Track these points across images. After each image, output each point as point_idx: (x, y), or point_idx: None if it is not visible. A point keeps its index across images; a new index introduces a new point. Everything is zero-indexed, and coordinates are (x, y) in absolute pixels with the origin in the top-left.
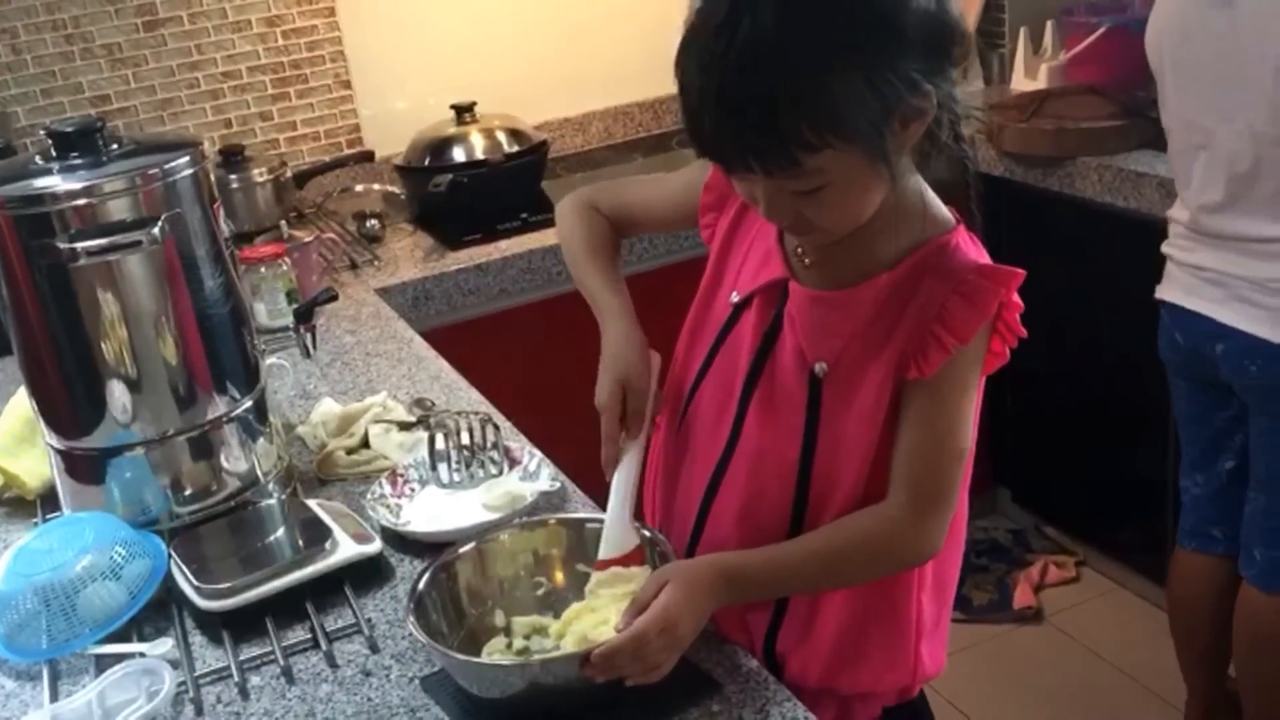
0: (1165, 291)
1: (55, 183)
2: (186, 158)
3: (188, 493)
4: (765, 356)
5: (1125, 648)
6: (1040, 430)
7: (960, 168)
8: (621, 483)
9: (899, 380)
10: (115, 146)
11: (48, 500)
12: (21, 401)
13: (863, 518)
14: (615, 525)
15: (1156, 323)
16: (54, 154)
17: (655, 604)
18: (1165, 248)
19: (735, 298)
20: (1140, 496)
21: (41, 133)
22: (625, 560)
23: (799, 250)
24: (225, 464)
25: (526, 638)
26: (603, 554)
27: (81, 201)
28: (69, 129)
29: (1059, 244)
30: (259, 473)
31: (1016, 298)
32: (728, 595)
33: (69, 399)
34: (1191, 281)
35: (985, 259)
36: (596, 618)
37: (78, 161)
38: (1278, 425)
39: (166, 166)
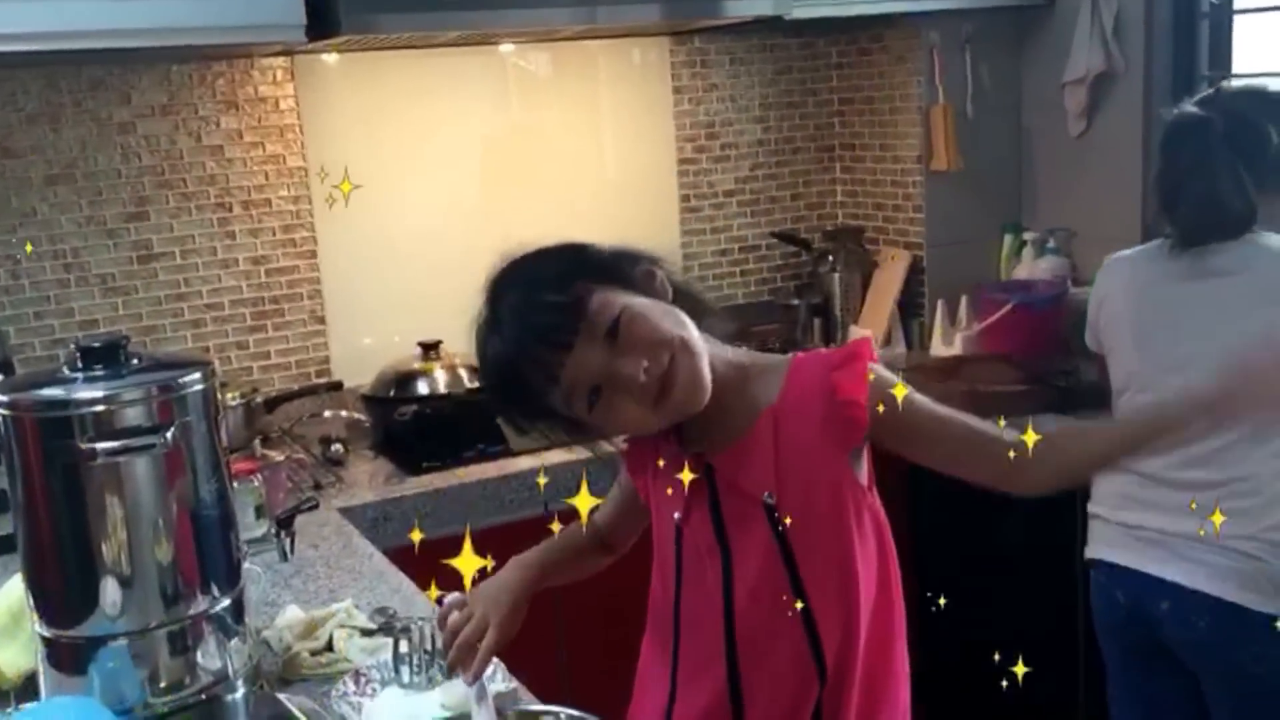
0: (1097, 550)
1: (80, 390)
2: (199, 374)
3: (163, 684)
4: (722, 525)
5: None
6: (954, 676)
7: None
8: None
9: (843, 462)
10: (135, 361)
11: (24, 692)
12: (7, 595)
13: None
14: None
15: (1065, 579)
16: (79, 365)
17: None
18: (1092, 506)
19: (677, 516)
20: None
21: (71, 346)
22: None
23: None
24: (201, 659)
25: None
26: None
27: (102, 408)
28: (96, 344)
29: (972, 494)
30: (231, 669)
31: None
32: None
33: (64, 590)
34: (1126, 539)
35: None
36: None
37: (100, 373)
38: (1234, 697)
39: (180, 380)
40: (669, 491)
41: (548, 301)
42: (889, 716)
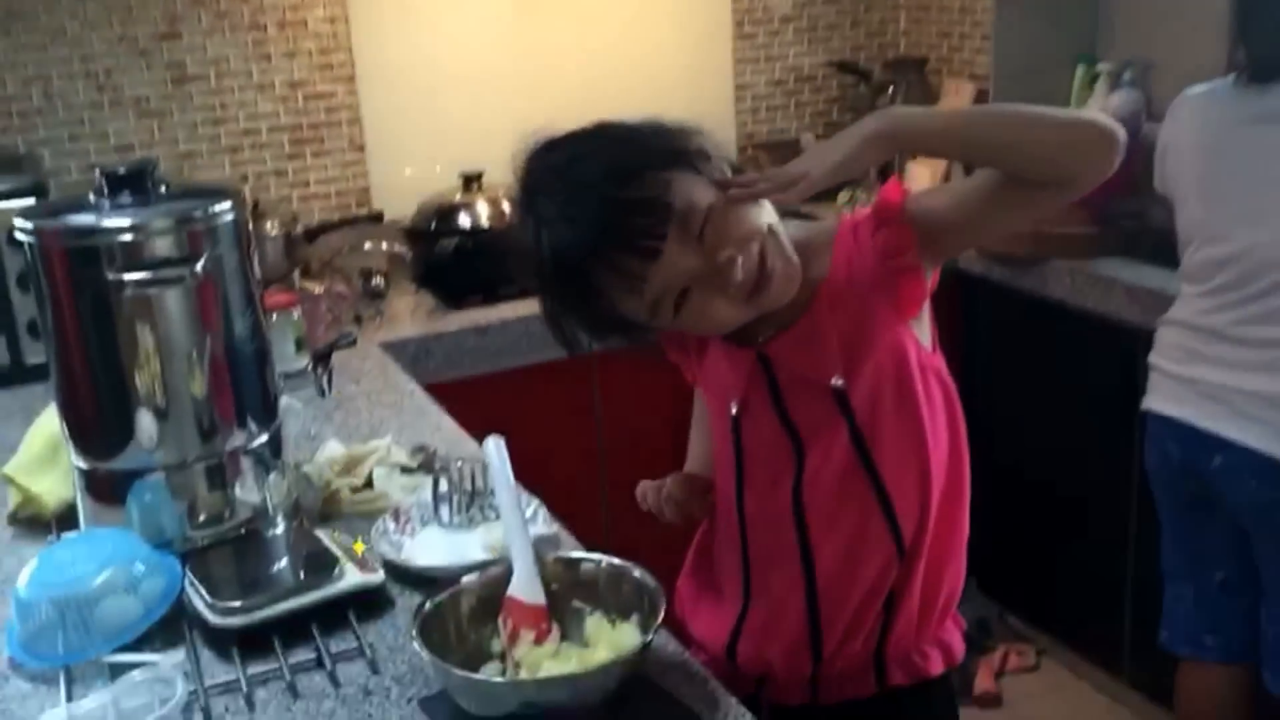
0: (1155, 402)
1: (107, 219)
2: (229, 203)
3: (202, 518)
4: (788, 418)
5: None
6: (1008, 522)
7: None
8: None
9: (914, 322)
10: (163, 190)
11: (63, 521)
12: (46, 425)
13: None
14: (533, 578)
15: (1122, 424)
16: (105, 192)
17: None
18: (1153, 358)
19: (734, 409)
20: (1099, 592)
21: (96, 172)
22: (525, 618)
23: (760, 340)
24: (239, 493)
25: (518, 665)
26: (518, 593)
27: (130, 237)
28: (121, 170)
29: (1030, 341)
30: (270, 504)
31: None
32: (891, 122)
33: (99, 422)
34: (1185, 394)
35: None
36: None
37: (128, 201)
38: None
39: (210, 210)
40: (722, 382)
41: (629, 200)
42: (952, 581)
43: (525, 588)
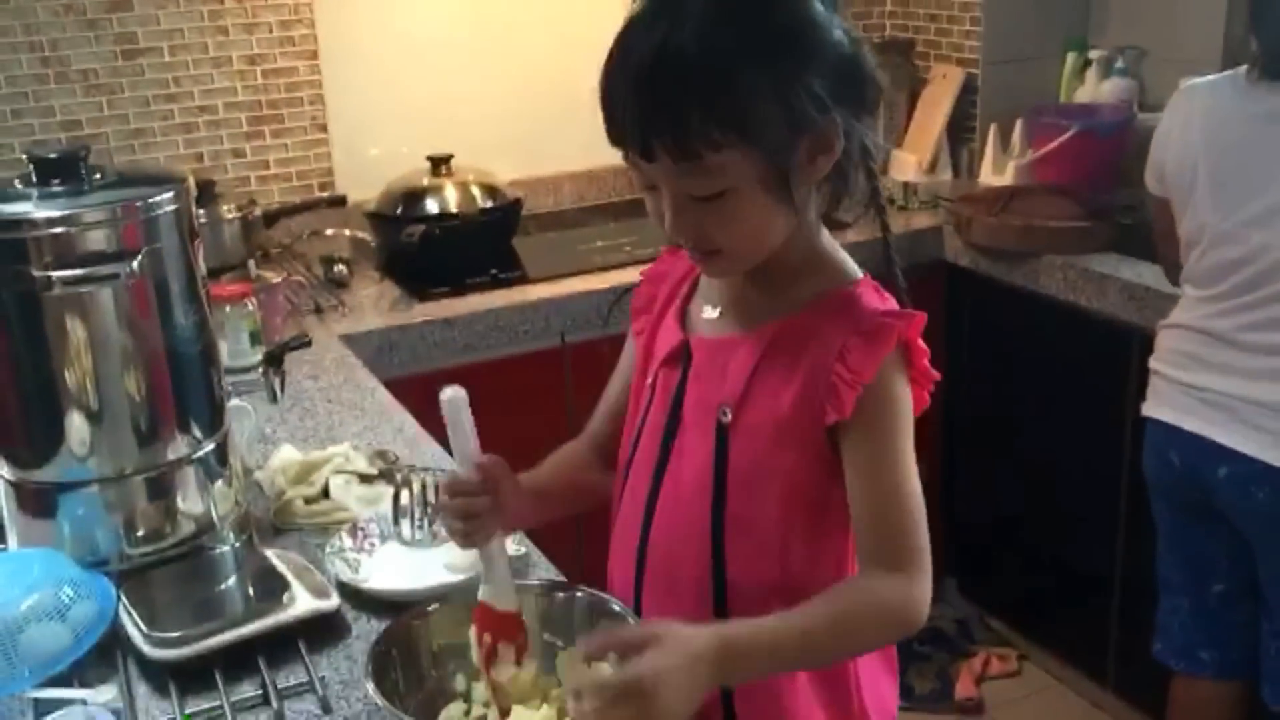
0: (1156, 410)
1: (34, 209)
2: (171, 193)
3: (140, 534)
4: (676, 419)
5: None
6: (989, 523)
7: (881, 229)
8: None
9: (823, 429)
10: (98, 176)
11: None
12: None
13: (853, 588)
14: (506, 579)
15: (1113, 424)
16: (34, 179)
17: (639, 663)
18: (1154, 363)
19: (649, 379)
20: (1084, 597)
21: (23, 157)
22: (501, 629)
23: (705, 310)
24: (182, 506)
25: (485, 705)
26: (489, 598)
27: (59, 230)
28: (52, 155)
29: (1018, 337)
30: (215, 517)
31: (922, 342)
32: (726, 672)
33: (26, 429)
34: (1188, 401)
35: (890, 306)
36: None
37: (58, 189)
38: None
39: (150, 200)
40: (655, 349)
41: (665, 103)
42: None
43: (498, 591)
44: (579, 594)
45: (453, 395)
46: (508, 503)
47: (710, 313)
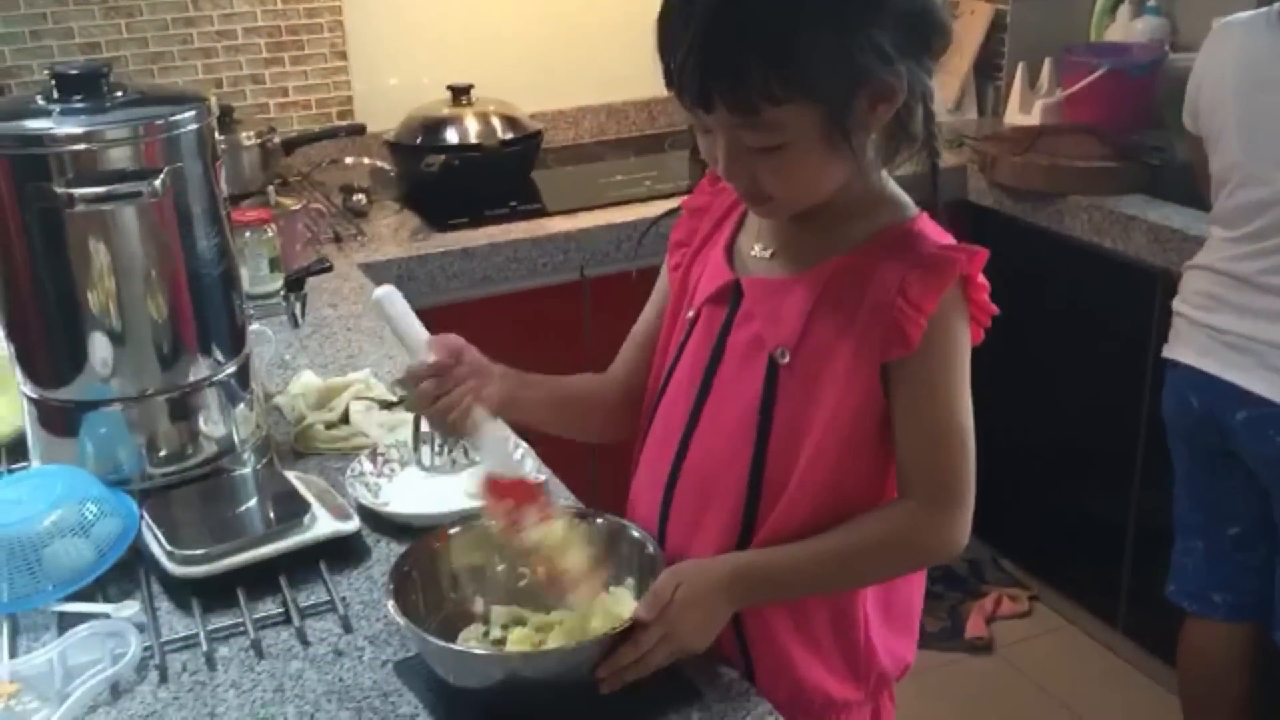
0: (1177, 351)
1: (56, 125)
2: (193, 112)
3: (163, 454)
4: (719, 357)
5: (1074, 685)
6: (1003, 464)
7: (929, 167)
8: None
9: (879, 367)
10: (120, 94)
11: (15, 450)
12: None
13: (881, 516)
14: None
15: (1134, 368)
16: (56, 96)
17: (670, 603)
18: (1177, 304)
19: (690, 313)
20: (1098, 538)
21: (45, 74)
22: (517, 494)
23: (755, 249)
24: (203, 428)
25: (504, 628)
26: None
27: (81, 146)
28: (73, 71)
29: (1042, 279)
30: (236, 439)
31: (982, 277)
32: (743, 597)
33: (49, 348)
34: (1209, 343)
35: (950, 241)
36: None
37: (80, 106)
38: None
39: (172, 118)
40: (695, 285)
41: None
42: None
43: (502, 466)
44: (600, 519)
45: (384, 292)
46: (480, 371)
47: (761, 252)
